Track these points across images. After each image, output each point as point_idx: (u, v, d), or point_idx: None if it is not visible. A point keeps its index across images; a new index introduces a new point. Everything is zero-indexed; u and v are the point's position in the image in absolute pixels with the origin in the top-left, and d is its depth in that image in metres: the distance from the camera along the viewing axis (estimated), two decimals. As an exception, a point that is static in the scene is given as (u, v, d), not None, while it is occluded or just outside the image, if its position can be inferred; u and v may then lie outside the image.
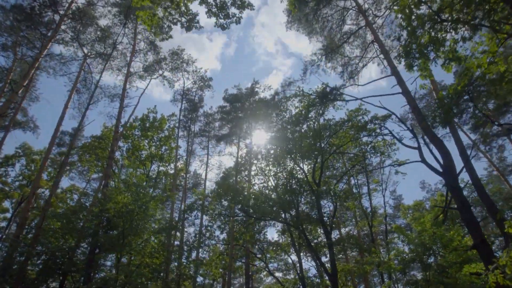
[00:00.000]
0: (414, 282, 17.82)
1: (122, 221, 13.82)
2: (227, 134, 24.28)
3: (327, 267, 16.62)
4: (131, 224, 13.84)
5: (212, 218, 23.34)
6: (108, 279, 11.97)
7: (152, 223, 14.64)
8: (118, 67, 20.91)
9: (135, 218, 13.73)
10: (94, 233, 13.22)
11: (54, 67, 21.68)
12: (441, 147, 10.12)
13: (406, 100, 11.89)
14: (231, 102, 24.62)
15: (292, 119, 18.29)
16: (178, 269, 17.12)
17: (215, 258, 25.77)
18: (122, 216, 13.75)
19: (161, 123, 26.22)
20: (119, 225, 13.84)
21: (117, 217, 13.94)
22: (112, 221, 14.30)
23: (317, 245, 20.55)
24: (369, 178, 26.75)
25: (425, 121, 10.90)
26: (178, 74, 23.71)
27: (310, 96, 19.76)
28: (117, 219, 13.94)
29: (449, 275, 18.06)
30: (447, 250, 18.08)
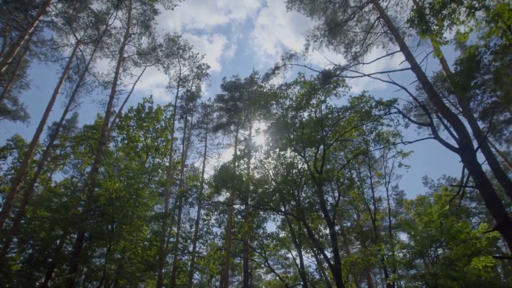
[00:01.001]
0: (422, 276, 16.96)
1: (111, 208, 12.96)
2: (225, 123, 23.40)
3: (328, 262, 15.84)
4: (122, 212, 12.97)
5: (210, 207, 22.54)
6: (96, 269, 11.09)
7: (144, 211, 13.76)
8: (112, 52, 20.08)
9: (126, 206, 12.86)
10: (81, 220, 12.33)
11: (45, 52, 20.83)
12: (456, 122, 9.28)
13: (416, 75, 11.05)
14: (230, 91, 23.75)
15: (293, 105, 17.44)
16: (173, 262, 16.22)
17: (212, 253, 24.91)
18: (112, 203, 12.88)
19: (157, 114, 25.34)
20: (109, 212, 12.98)
21: (107, 204, 13.09)
22: (101, 209, 13.43)
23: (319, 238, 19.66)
24: (371, 171, 25.85)
25: (438, 96, 10.08)
26: (174, 60, 22.91)
27: (311, 82, 18.99)
28: (107, 207, 13.08)
29: (457, 268, 17.21)
30: (455, 242, 17.23)
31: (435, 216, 17.69)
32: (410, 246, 18.10)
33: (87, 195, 12.90)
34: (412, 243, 18.54)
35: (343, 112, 18.86)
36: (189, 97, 24.08)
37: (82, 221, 12.40)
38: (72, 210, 12.53)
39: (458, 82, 7.42)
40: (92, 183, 13.46)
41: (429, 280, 17.22)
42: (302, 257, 22.05)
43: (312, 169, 16.73)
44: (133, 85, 20.76)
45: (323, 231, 23.23)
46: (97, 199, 13.48)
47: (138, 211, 13.19)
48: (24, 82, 21.54)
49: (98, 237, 12.30)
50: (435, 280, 16.86)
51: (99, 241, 12.81)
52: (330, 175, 15.88)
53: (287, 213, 16.06)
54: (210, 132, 28.04)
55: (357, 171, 26.14)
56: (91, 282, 12.67)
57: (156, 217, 13.64)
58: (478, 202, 32.32)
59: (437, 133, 9.51)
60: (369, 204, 25.40)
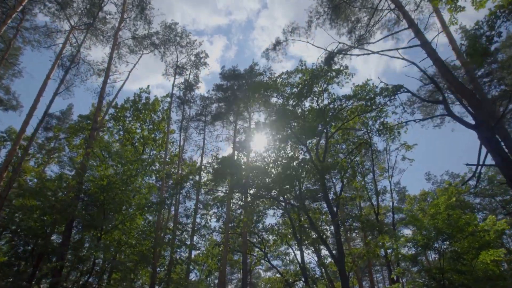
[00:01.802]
0: (428, 270, 16.25)
1: (103, 195, 12.26)
2: (224, 112, 22.66)
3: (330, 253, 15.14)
4: (113, 200, 12.27)
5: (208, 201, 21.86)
6: (84, 258, 10.39)
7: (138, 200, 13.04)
8: (106, 38, 19.36)
9: (118, 193, 12.15)
10: (70, 207, 11.62)
11: (38, 39, 20.13)
12: (472, 97, 8.60)
13: (426, 52, 10.36)
14: (229, 80, 23.05)
15: (294, 91, 16.78)
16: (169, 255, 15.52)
17: (210, 249, 24.23)
18: (103, 190, 12.18)
19: (154, 105, 24.63)
20: (100, 199, 12.28)
21: (98, 192, 12.39)
22: (92, 196, 12.73)
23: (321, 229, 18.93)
24: (374, 166, 25.12)
25: (451, 73, 9.40)
26: (171, 47, 22.19)
27: (313, 70, 18.31)
28: (98, 194, 12.38)
29: (465, 261, 16.52)
30: (463, 234, 16.54)
31: (442, 208, 17.01)
32: (416, 240, 17.41)
33: (77, 181, 12.20)
34: (418, 236, 17.89)
35: (346, 100, 18.20)
36: (186, 87, 23.35)
37: (71, 207, 11.69)
38: (60, 196, 11.84)
39: (477, 48, 6.76)
40: (83, 169, 12.77)
41: (436, 274, 16.53)
42: (303, 252, 21.40)
43: (314, 158, 16.04)
44: (128, 73, 20.09)
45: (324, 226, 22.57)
46: (88, 186, 12.78)
47: (131, 199, 12.50)
48: (17, 69, 20.85)
49: (88, 225, 11.60)
50: (442, 275, 16.17)
51: (90, 230, 12.10)
52: (334, 162, 15.19)
53: (287, 201, 15.38)
54: (208, 125, 27.37)
55: (359, 165, 25.42)
56: (80, 272, 11.97)
57: (150, 205, 12.93)
58: (482, 198, 31.67)
59: (451, 109, 8.84)
60: (372, 198, 24.74)
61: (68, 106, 27.73)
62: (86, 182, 13.10)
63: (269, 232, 22.29)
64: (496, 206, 30.33)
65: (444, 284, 16.10)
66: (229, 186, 15.50)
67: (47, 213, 12.22)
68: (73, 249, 11.04)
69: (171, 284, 14.67)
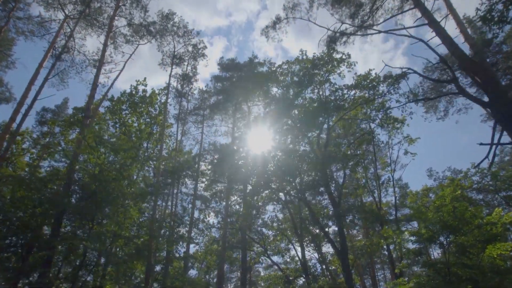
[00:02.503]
0: (432, 264, 15.72)
1: (94, 184, 11.71)
2: (222, 103, 22.08)
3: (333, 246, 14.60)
4: (106, 188, 11.72)
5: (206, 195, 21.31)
6: (73, 247, 9.84)
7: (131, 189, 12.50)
8: (101, 25, 18.83)
9: (110, 181, 11.60)
10: (60, 197, 11.07)
11: (32, 29, 19.60)
12: (485, 73, 8.09)
13: (435, 31, 9.85)
14: (228, 70, 22.52)
15: (295, 80, 16.26)
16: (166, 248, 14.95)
17: (209, 244, 23.67)
18: (95, 179, 11.64)
19: (152, 98, 24.04)
20: (91, 189, 11.73)
21: (90, 182, 11.85)
22: (84, 186, 12.19)
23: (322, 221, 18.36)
24: (376, 159, 24.56)
25: (461, 50, 8.89)
26: (168, 37, 21.66)
27: (314, 60, 17.80)
28: (90, 183, 11.84)
29: (471, 255, 16.00)
30: (469, 227, 16.02)
31: (447, 200, 16.50)
32: (420, 233, 16.87)
33: (68, 169, 11.67)
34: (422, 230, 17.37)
35: (348, 90, 17.70)
36: (184, 78, 22.81)
37: (62, 197, 11.14)
38: (50, 185, 11.30)
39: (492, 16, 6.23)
40: (75, 157, 12.23)
41: (441, 268, 16.00)
42: (304, 248, 20.87)
43: (315, 148, 15.52)
44: (124, 63, 19.56)
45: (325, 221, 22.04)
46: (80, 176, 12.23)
47: (124, 188, 11.96)
48: (10, 60, 20.31)
49: (79, 215, 11.05)
50: (447, 269, 15.62)
51: (81, 221, 11.55)
52: (336, 150, 14.65)
53: (287, 193, 14.84)
54: (207, 119, 26.84)
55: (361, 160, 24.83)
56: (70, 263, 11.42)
57: (145, 194, 12.36)
58: (486, 194, 31.14)
59: (462, 87, 8.32)
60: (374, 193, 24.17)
61: (63, 100, 27.19)
62: (78, 172, 12.56)
63: (269, 226, 21.76)
64: (500, 202, 29.83)
65: (450, 278, 15.56)
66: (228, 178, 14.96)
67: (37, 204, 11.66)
68: (63, 239, 10.47)
69: (168, 280, 14.13)
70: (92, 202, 11.71)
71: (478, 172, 30.63)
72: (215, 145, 13.43)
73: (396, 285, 15.46)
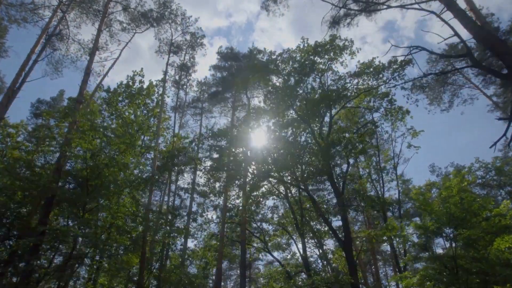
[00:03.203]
0: (438, 258, 15.13)
1: (86, 171, 11.12)
2: (221, 92, 21.46)
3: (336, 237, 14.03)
4: (98, 175, 11.14)
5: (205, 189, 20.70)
6: (61, 233, 9.24)
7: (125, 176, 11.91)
8: (95, 11, 18.21)
9: (102, 167, 11.01)
10: (49, 182, 10.48)
11: (25, 16, 18.99)
12: (501, 45, 7.50)
13: (445, 3, 9.26)
14: (227, 60, 21.93)
15: (296, 67, 15.69)
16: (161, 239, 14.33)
17: (208, 239, 23.07)
18: (87, 165, 11.05)
19: (149, 90, 23.40)
20: (83, 175, 11.14)
21: (81, 168, 11.26)
22: (75, 172, 11.60)
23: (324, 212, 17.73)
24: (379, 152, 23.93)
25: (475, 22, 8.30)
26: (165, 25, 21.04)
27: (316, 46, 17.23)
28: (81, 170, 11.25)
29: (480, 247, 15.43)
30: (477, 219, 15.44)
31: (454, 191, 15.94)
32: (425, 226, 16.29)
33: (61, 151, 11.07)
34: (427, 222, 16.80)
35: (351, 78, 17.14)
36: (182, 68, 22.17)
37: (51, 182, 10.55)
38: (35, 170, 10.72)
39: None
40: (66, 143, 11.64)
41: (447, 262, 15.41)
42: (305, 243, 20.28)
43: (316, 136, 14.93)
44: (120, 51, 18.98)
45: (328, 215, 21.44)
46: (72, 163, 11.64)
47: (118, 175, 11.37)
48: (3, 49, 19.72)
49: (68, 202, 10.46)
50: (454, 262, 15.03)
51: (72, 209, 10.96)
52: (340, 137, 14.05)
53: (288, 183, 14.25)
54: (206, 113, 26.25)
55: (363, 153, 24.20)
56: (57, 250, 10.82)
57: (139, 181, 11.78)
58: (490, 189, 30.60)
59: (476, 60, 7.74)
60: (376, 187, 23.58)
61: (59, 92, 26.56)
62: (70, 158, 11.97)
63: (269, 220, 21.20)
64: (505, 197, 29.29)
65: (457, 272, 14.97)
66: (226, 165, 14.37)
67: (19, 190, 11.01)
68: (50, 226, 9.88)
69: (163, 273, 13.55)
70: (83, 190, 11.13)
71: (482, 167, 29.98)
72: (212, 131, 12.81)
73: (401, 279, 14.90)
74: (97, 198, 10.89)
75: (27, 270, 8.46)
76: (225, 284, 42.67)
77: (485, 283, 14.84)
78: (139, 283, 11.77)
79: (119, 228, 11.77)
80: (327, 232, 25.27)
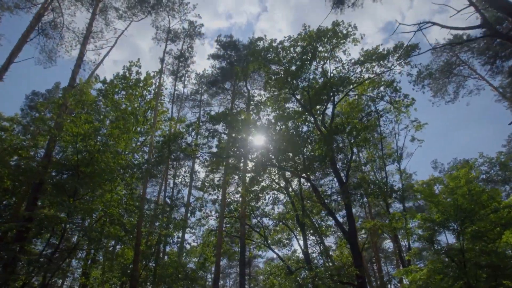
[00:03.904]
0: (447, 251, 14.50)
1: (76, 156, 10.52)
2: (221, 80, 20.81)
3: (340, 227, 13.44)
4: (89, 161, 10.53)
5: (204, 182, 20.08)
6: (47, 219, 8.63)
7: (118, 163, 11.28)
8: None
9: (93, 152, 10.40)
10: (37, 167, 9.88)
11: (17, 2, 18.40)
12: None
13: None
14: (226, 49, 21.27)
15: (298, 51, 15.12)
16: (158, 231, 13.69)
17: (206, 235, 22.48)
18: (78, 150, 10.45)
19: (146, 81, 22.78)
20: (73, 160, 10.54)
21: (72, 153, 10.66)
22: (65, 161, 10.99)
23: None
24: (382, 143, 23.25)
25: None
26: (162, 13, 20.39)
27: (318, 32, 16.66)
28: (72, 155, 10.65)
29: (489, 240, 14.83)
30: (486, 211, 14.85)
31: (462, 181, 15.34)
32: (431, 219, 15.68)
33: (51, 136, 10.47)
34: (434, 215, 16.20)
35: (354, 66, 16.56)
36: (180, 58, 21.53)
37: (39, 167, 9.95)
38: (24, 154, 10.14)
39: None
40: (57, 127, 11.05)
41: (455, 255, 14.80)
42: (306, 237, 19.69)
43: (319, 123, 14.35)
44: (116, 39, 18.40)
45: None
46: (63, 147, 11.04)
47: (110, 161, 10.75)
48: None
49: (58, 189, 9.86)
50: (462, 255, 14.43)
51: (61, 197, 10.34)
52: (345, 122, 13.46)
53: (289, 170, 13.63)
54: (204, 106, 25.65)
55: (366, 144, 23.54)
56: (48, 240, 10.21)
57: (133, 167, 11.15)
58: (494, 185, 30.09)
59: (495, 28, 7.15)
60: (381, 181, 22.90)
61: (55, 84, 25.93)
62: (59, 143, 11.36)
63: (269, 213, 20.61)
64: (510, 192, 28.81)
65: (465, 265, 14.37)
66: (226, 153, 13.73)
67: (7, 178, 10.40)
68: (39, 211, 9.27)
69: (159, 266, 12.93)
70: (73, 176, 10.52)
71: (486, 162, 29.40)
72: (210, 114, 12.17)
73: (407, 273, 14.30)
74: (88, 186, 10.26)
75: (9, 257, 7.85)
76: (224, 282, 42.04)
77: (494, 277, 14.25)
78: (133, 275, 11.17)
79: (112, 218, 11.15)
80: (328, 229, 24.70)
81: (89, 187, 10.37)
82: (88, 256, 12.97)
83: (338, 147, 12.81)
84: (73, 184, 9.91)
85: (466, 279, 13.67)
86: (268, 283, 19.67)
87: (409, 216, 15.46)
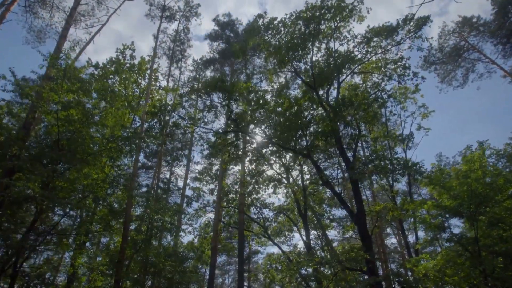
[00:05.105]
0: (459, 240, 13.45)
1: (57, 127, 9.52)
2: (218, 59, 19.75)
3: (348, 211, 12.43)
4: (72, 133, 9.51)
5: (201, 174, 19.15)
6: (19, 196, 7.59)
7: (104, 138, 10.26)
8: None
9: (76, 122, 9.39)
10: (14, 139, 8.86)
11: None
12: None
13: None
14: (224, 28, 20.26)
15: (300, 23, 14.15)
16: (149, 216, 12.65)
17: (204, 226, 21.47)
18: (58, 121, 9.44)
19: (141, 66, 21.71)
20: (53, 132, 9.53)
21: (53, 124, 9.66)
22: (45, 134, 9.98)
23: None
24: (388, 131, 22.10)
25: None
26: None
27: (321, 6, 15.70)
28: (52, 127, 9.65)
29: (506, 227, 13.80)
30: (502, 196, 13.84)
31: (476, 164, 14.35)
32: (442, 206, 14.63)
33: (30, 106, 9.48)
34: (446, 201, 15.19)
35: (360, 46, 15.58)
36: (175, 40, 20.50)
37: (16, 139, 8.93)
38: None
39: None
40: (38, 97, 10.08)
41: (468, 244, 13.75)
42: (308, 227, 18.72)
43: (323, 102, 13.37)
44: (108, 17, 17.40)
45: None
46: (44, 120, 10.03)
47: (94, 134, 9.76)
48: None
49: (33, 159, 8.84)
50: (476, 243, 13.40)
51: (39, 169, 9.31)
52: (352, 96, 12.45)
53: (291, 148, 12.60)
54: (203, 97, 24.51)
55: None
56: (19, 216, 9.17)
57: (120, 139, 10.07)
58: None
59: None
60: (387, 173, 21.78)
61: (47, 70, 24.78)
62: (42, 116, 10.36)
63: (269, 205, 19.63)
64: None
65: (480, 254, 13.33)
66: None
67: None
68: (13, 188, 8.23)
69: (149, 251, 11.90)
70: (53, 150, 9.50)
71: (493, 154, 28.41)
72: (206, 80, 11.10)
73: (418, 262, 13.29)
74: (70, 160, 9.23)
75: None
76: (223, 279, 40.95)
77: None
78: (119, 261, 10.15)
79: (97, 197, 10.13)
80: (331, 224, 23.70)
81: (70, 162, 9.34)
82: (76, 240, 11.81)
83: (346, 121, 11.79)
84: (50, 156, 8.88)
85: (482, 267, 12.66)
86: (268, 276, 18.62)
87: (419, 203, 14.47)
